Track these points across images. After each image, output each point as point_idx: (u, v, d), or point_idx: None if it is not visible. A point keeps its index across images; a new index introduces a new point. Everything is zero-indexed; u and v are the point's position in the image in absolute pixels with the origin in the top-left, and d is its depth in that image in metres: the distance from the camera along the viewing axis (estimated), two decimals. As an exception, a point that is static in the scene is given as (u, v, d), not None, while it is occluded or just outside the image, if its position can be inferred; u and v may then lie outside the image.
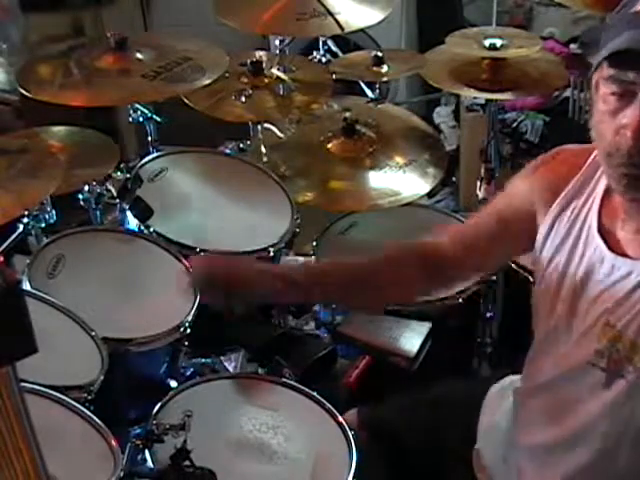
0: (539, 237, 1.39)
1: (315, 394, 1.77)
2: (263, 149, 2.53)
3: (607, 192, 1.32)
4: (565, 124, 3.21)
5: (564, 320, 1.33)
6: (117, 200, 2.13)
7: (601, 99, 1.20)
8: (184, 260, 2.01)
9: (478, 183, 2.71)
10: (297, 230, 2.22)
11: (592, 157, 1.34)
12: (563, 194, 1.36)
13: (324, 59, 2.80)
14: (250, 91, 2.42)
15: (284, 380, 1.83)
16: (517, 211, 1.44)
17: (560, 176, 1.38)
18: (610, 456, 1.30)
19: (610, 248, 1.28)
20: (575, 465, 1.34)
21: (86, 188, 2.11)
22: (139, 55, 2.34)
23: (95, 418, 1.54)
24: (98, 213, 2.16)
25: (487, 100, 2.71)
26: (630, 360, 1.23)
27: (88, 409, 1.56)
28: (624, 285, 1.24)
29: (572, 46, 3.60)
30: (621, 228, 1.28)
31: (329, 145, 2.48)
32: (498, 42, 2.48)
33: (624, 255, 1.26)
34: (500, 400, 1.57)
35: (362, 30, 3.02)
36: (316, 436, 1.69)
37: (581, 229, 1.33)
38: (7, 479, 0.74)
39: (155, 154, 2.35)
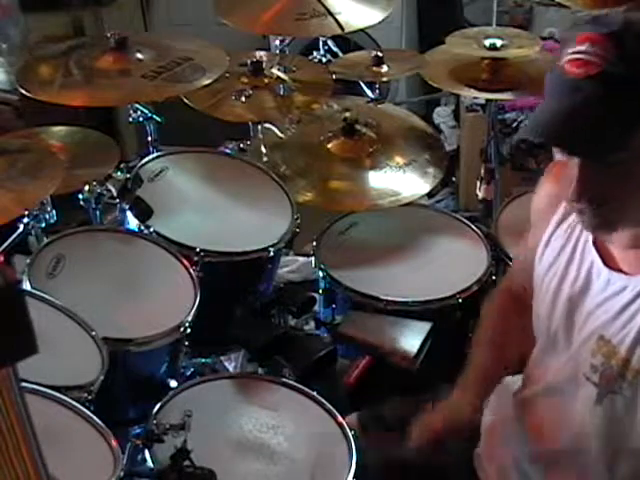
0: (540, 244, 1.39)
1: (315, 394, 1.77)
2: (263, 149, 2.52)
3: None
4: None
5: (562, 330, 1.34)
6: (117, 200, 2.12)
7: None
8: (184, 260, 2.01)
9: (478, 183, 2.71)
10: (297, 230, 2.23)
11: None
12: (564, 204, 1.35)
13: (324, 59, 2.79)
14: (250, 91, 2.42)
15: (284, 380, 1.83)
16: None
17: (562, 186, 1.37)
18: (606, 472, 1.29)
19: (605, 262, 1.28)
20: (573, 476, 1.34)
21: (86, 188, 2.11)
22: (139, 55, 2.34)
23: (95, 418, 1.55)
24: (98, 213, 2.16)
25: (487, 100, 2.71)
26: (623, 377, 1.22)
27: (88, 409, 1.57)
28: (618, 300, 1.24)
29: (572, 46, 3.59)
30: (616, 243, 1.28)
31: (329, 145, 2.47)
32: (498, 42, 2.48)
33: (619, 270, 1.26)
34: (500, 401, 1.56)
35: (362, 30, 3.02)
36: (316, 436, 1.69)
37: (577, 242, 1.33)
38: (7, 479, 0.74)
39: (155, 154, 2.35)
